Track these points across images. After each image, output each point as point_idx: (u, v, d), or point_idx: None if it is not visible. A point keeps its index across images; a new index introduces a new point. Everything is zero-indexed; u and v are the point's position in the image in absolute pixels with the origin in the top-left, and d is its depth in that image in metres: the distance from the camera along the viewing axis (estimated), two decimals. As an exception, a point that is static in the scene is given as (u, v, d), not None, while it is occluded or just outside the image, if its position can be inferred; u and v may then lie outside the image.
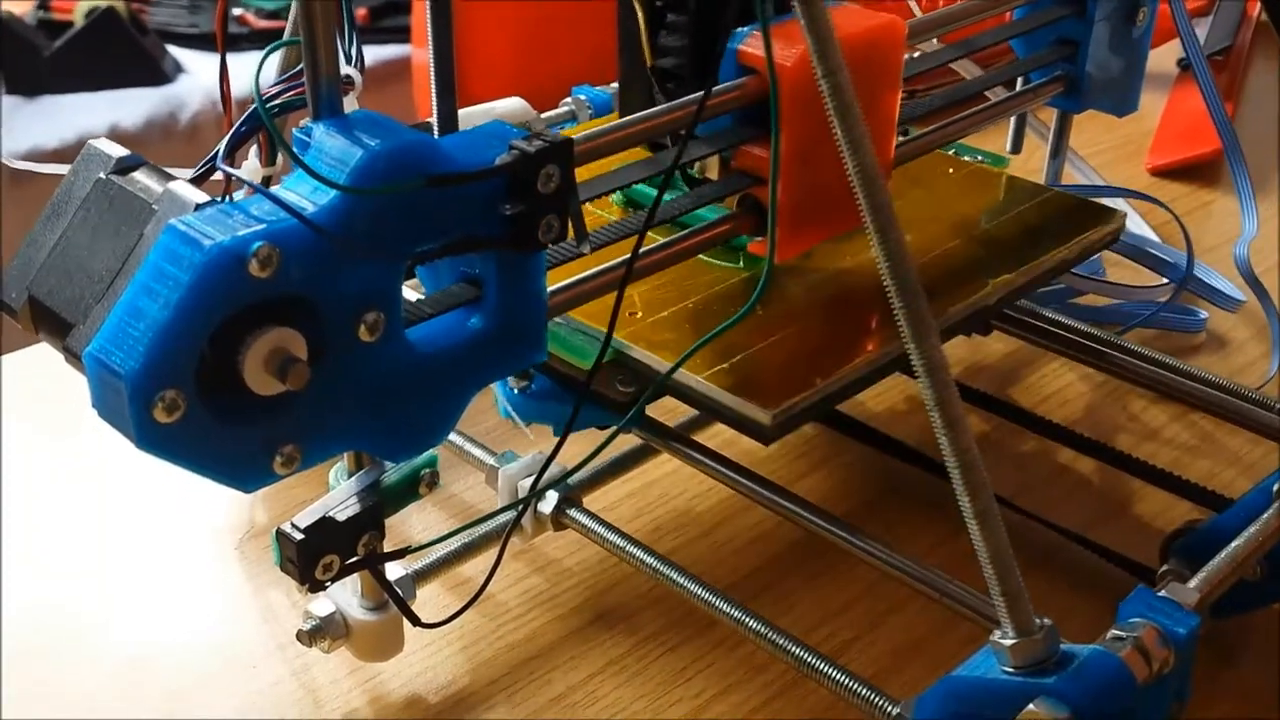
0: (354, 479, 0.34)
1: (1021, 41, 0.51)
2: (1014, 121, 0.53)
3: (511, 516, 0.41)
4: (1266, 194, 0.69)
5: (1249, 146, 0.58)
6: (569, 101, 0.52)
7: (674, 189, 0.41)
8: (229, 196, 0.35)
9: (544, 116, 0.51)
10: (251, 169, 0.38)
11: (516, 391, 0.41)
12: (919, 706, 0.31)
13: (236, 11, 1.47)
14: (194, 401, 0.26)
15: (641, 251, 0.34)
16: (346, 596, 0.38)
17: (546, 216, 0.31)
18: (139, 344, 0.26)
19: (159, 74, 1.39)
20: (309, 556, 0.33)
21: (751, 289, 0.42)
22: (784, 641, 0.37)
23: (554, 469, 0.39)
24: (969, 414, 0.50)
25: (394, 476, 0.35)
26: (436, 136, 0.37)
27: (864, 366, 0.39)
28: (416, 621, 0.37)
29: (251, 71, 0.31)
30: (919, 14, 0.49)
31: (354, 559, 0.34)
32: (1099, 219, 0.48)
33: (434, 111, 0.38)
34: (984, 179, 0.51)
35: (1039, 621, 0.30)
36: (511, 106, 0.50)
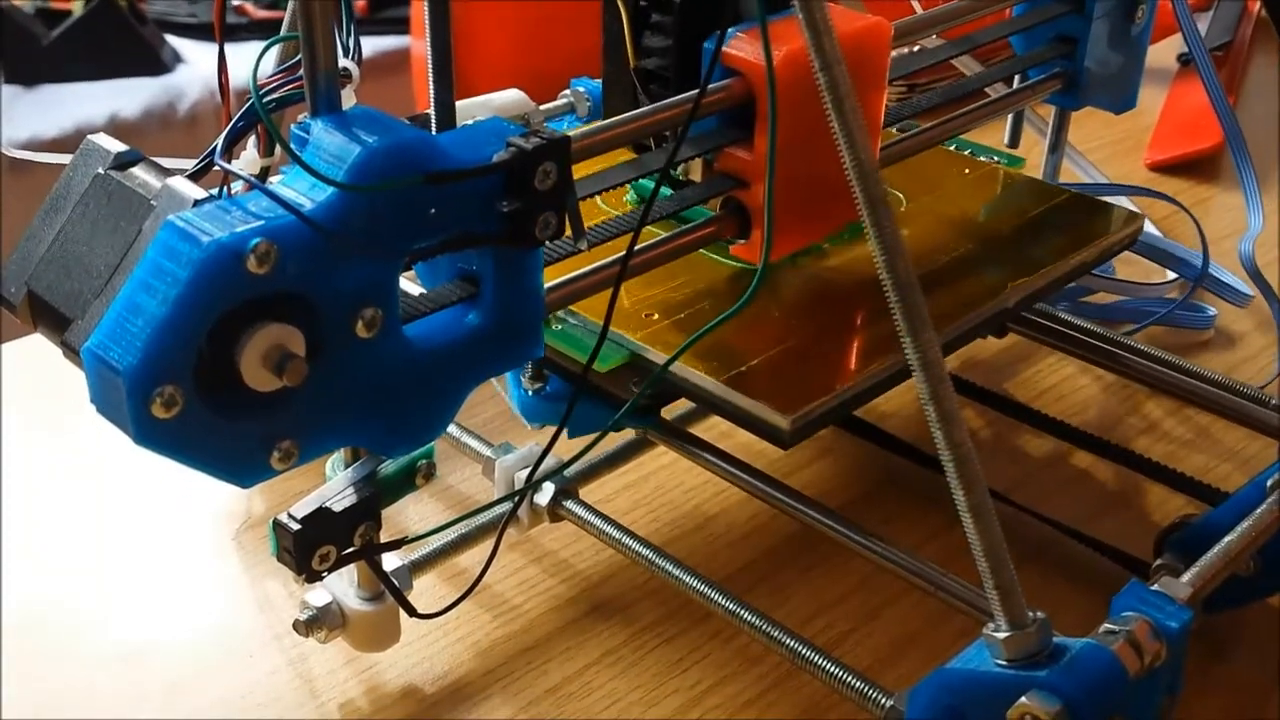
0: (351, 470, 0.34)
1: (1020, 38, 0.51)
2: (1012, 118, 0.53)
3: (508, 508, 0.41)
4: (1267, 189, 0.69)
5: (1249, 142, 0.58)
6: (568, 93, 0.52)
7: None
8: (227, 190, 0.35)
9: (543, 109, 0.51)
10: (250, 160, 0.38)
11: (530, 394, 0.41)
12: (912, 699, 0.32)
13: (235, 1, 1.47)
14: (192, 397, 0.26)
15: (636, 249, 0.35)
16: (343, 587, 0.38)
17: (544, 213, 0.31)
18: (137, 340, 0.26)
19: (158, 64, 1.39)
20: (306, 547, 0.33)
21: (769, 292, 0.42)
22: (779, 634, 0.37)
23: (550, 461, 0.39)
24: (964, 408, 0.50)
25: (390, 468, 0.35)
26: (433, 128, 0.37)
27: (883, 371, 0.39)
28: (413, 612, 0.38)
29: (250, 63, 0.31)
30: (919, 10, 0.49)
31: (350, 549, 0.34)
32: (1118, 221, 0.47)
33: (431, 103, 0.38)
34: (1001, 180, 0.51)
35: (1032, 615, 0.30)
36: (510, 98, 0.50)
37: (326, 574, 0.34)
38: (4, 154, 1.17)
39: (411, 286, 0.32)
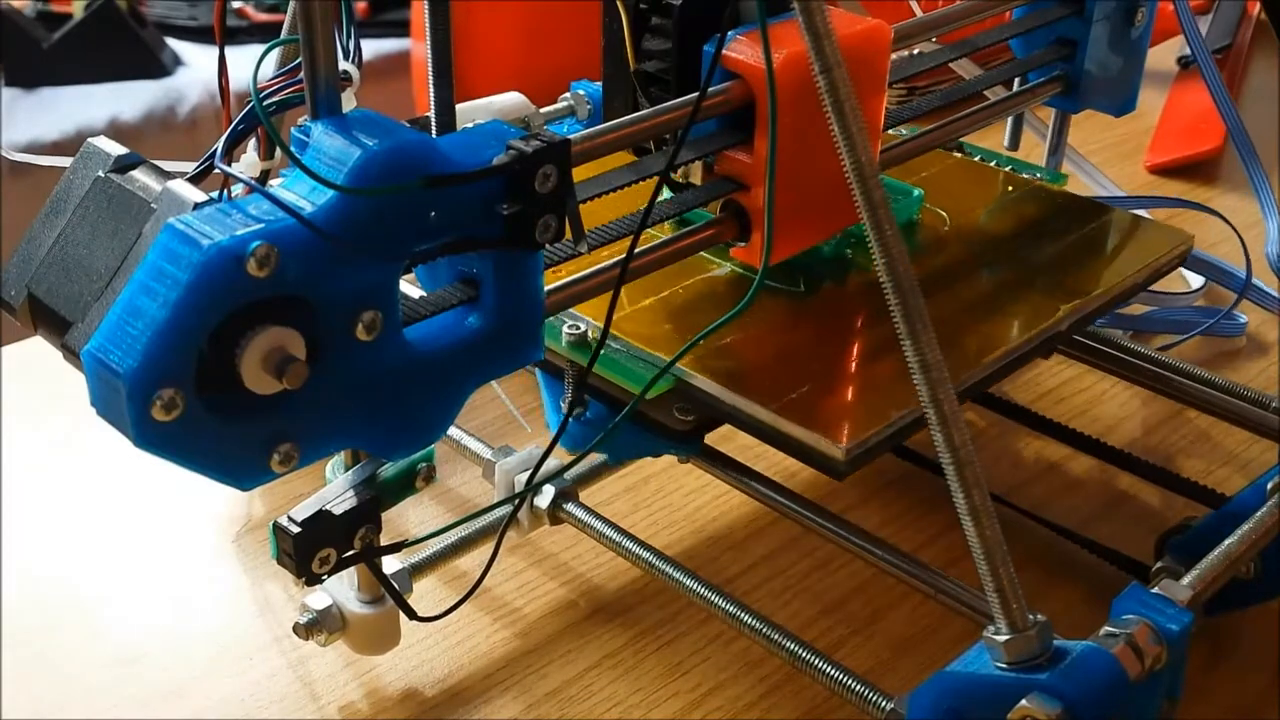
0: (351, 473, 0.34)
1: (1020, 41, 0.51)
2: (1011, 120, 0.53)
3: (508, 511, 0.41)
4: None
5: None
6: (568, 96, 0.52)
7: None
8: (228, 193, 0.35)
9: (543, 111, 0.51)
10: (250, 163, 0.38)
11: (572, 420, 0.40)
12: (913, 702, 0.32)
13: (236, 4, 1.47)
14: (192, 400, 0.26)
15: (636, 252, 0.35)
16: (343, 590, 0.38)
17: (544, 216, 0.31)
18: (137, 343, 0.26)
19: (158, 67, 1.39)
20: (306, 550, 0.33)
21: (818, 315, 0.42)
22: (779, 637, 0.37)
23: (551, 464, 0.39)
24: (965, 410, 0.50)
25: (391, 470, 0.35)
26: (434, 131, 0.37)
27: None
28: (413, 615, 0.38)
29: (250, 66, 0.31)
30: (919, 14, 0.49)
31: (350, 552, 0.34)
32: (1168, 240, 0.47)
33: (431, 105, 0.38)
34: (1045, 198, 0.50)
35: (1033, 618, 0.30)
36: (510, 101, 0.50)
37: (326, 577, 0.34)
38: (4, 157, 1.16)
39: (412, 289, 0.32)
